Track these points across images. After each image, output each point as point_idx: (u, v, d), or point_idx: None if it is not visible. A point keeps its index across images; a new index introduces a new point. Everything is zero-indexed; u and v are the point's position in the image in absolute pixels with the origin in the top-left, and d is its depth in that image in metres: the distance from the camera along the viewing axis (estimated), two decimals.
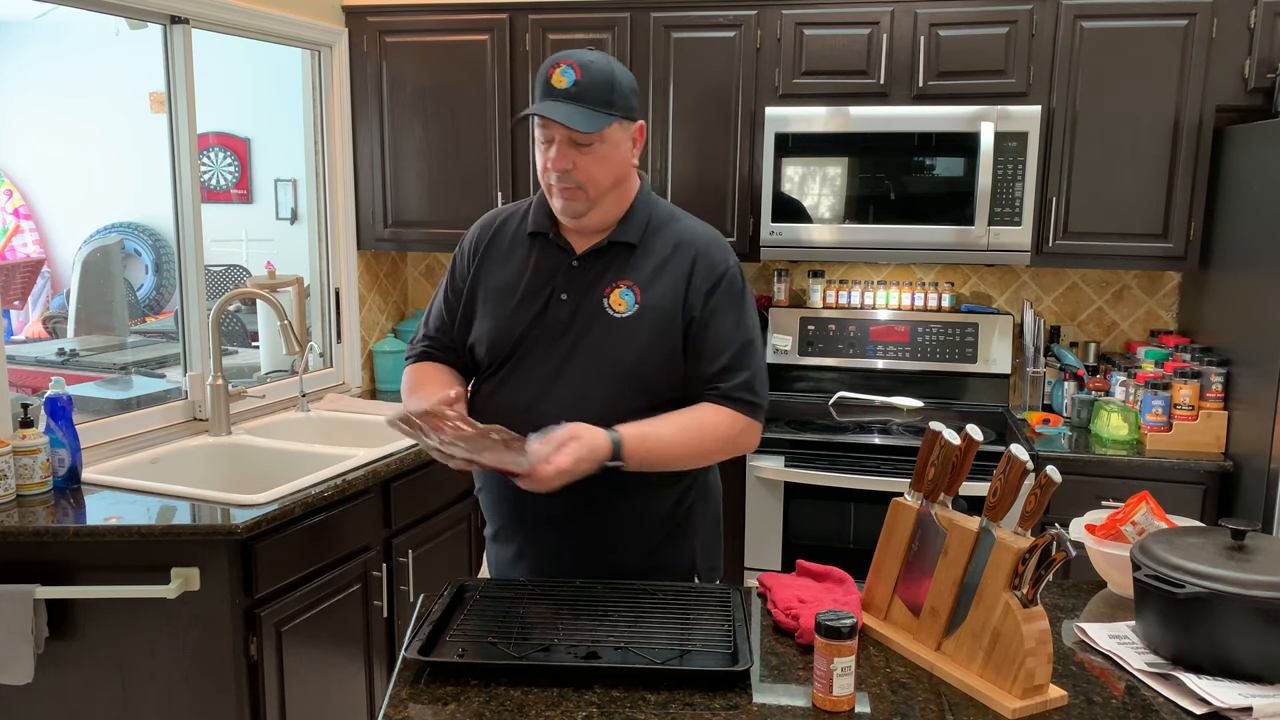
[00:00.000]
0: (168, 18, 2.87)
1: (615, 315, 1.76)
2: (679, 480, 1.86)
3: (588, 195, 1.74)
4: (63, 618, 2.22)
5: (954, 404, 3.51)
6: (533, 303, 1.79)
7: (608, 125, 1.70)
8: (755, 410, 1.79)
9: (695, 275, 1.77)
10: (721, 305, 1.78)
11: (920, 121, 3.13)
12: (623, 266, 1.79)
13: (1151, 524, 1.80)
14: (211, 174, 6.14)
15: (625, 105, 1.73)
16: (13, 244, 6.45)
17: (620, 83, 1.72)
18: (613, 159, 1.74)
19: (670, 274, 1.77)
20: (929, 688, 1.47)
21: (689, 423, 1.74)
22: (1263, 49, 2.99)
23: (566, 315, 1.78)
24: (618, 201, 1.80)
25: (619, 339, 1.75)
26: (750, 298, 1.85)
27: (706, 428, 1.75)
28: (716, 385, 1.77)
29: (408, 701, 1.41)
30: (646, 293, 1.76)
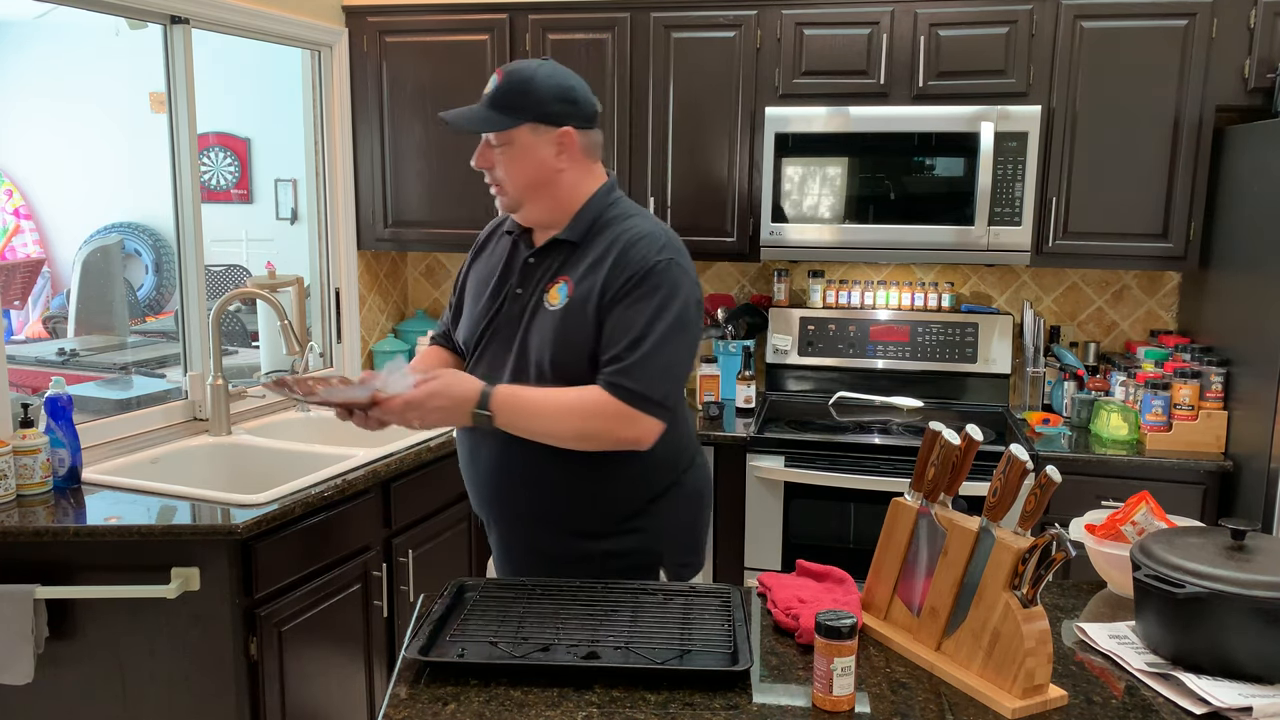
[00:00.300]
0: (168, 18, 2.87)
1: (549, 308, 1.84)
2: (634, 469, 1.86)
3: (506, 193, 1.86)
4: (63, 618, 2.22)
5: (954, 404, 3.51)
6: (495, 297, 1.92)
7: (509, 128, 1.80)
8: (635, 399, 1.74)
9: (613, 269, 1.79)
10: (631, 297, 1.77)
11: (920, 121, 3.13)
12: (564, 263, 1.86)
13: (1151, 524, 1.80)
14: (211, 174, 6.14)
15: (539, 111, 1.80)
16: (13, 244, 6.45)
17: (537, 89, 1.79)
18: (525, 161, 1.82)
19: (598, 269, 1.81)
20: (929, 688, 1.47)
21: (566, 397, 1.77)
22: (1263, 49, 2.99)
23: (518, 309, 1.88)
24: (553, 201, 1.86)
25: (547, 331, 1.82)
26: (676, 298, 1.78)
27: (580, 405, 1.76)
28: (603, 370, 1.77)
29: (408, 701, 1.41)
30: (577, 287, 1.82)
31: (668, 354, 1.77)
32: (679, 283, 1.79)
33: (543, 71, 1.82)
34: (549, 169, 1.83)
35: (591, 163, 1.88)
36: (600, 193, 1.88)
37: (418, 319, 4.00)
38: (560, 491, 1.87)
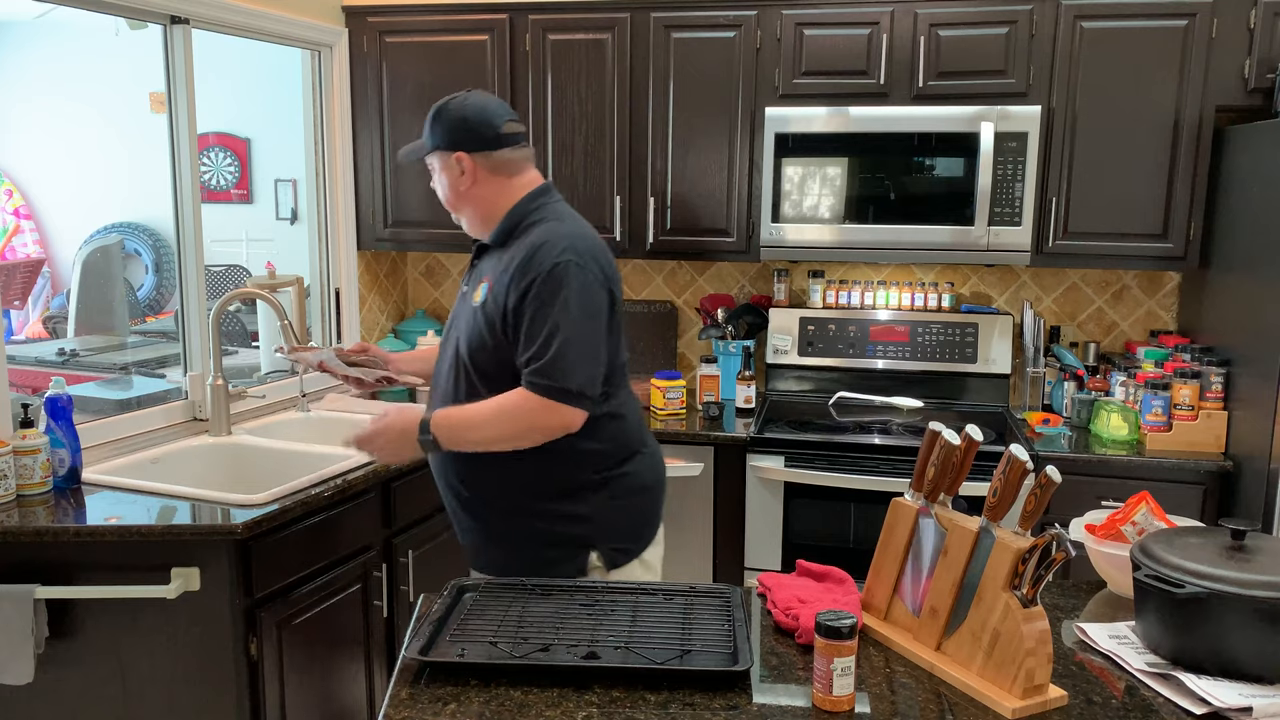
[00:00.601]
0: (168, 18, 2.87)
1: (473, 305, 2.04)
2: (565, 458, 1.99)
3: (447, 206, 2.12)
4: (63, 618, 2.22)
5: (954, 404, 3.51)
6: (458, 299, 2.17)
7: (421, 156, 2.11)
8: (553, 393, 1.90)
9: (517, 272, 1.95)
10: (535, 301, 1.92)
11: (920, 121, 3.13)
12: (490, 264, 2.06)
13: (1151, 524, 1.80)
14: (211, 174, 6.14)
15: (440, 139, 2.06)
16: (13, 244, 6.45)
17: (441, 119, 2.06)
18: (442, 183, 2.09)
19: (508, 270, 1.98)
20: (929, 688, 1.47)
21: (493, 404, 1.95)
22: (1263, 49, 2.99)
23: (460, 304, 2.12)
24: (477, 214, 2.09)
25: (469, 325, 2.04)
26: (576, 294, 1.92)
27: (507, 409, 1.93)
28: (523, 374, 1.94)
29: (408, 701, 1.41)
30: (495, 288, 1.99)
31: (577, 346, 1.91)
32: (576, 279, 1.92)
33: (454, 102, 2.08)
34: (457, 189, 2.07)
35: (506, 178, 2.06)
36: (523, 201, 2.06)
37: (418, 319, 4.00)
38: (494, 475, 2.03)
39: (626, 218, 3.45)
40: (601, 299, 1.96)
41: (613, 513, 2.05)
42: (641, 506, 2.11)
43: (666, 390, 3.35)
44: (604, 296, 1.97)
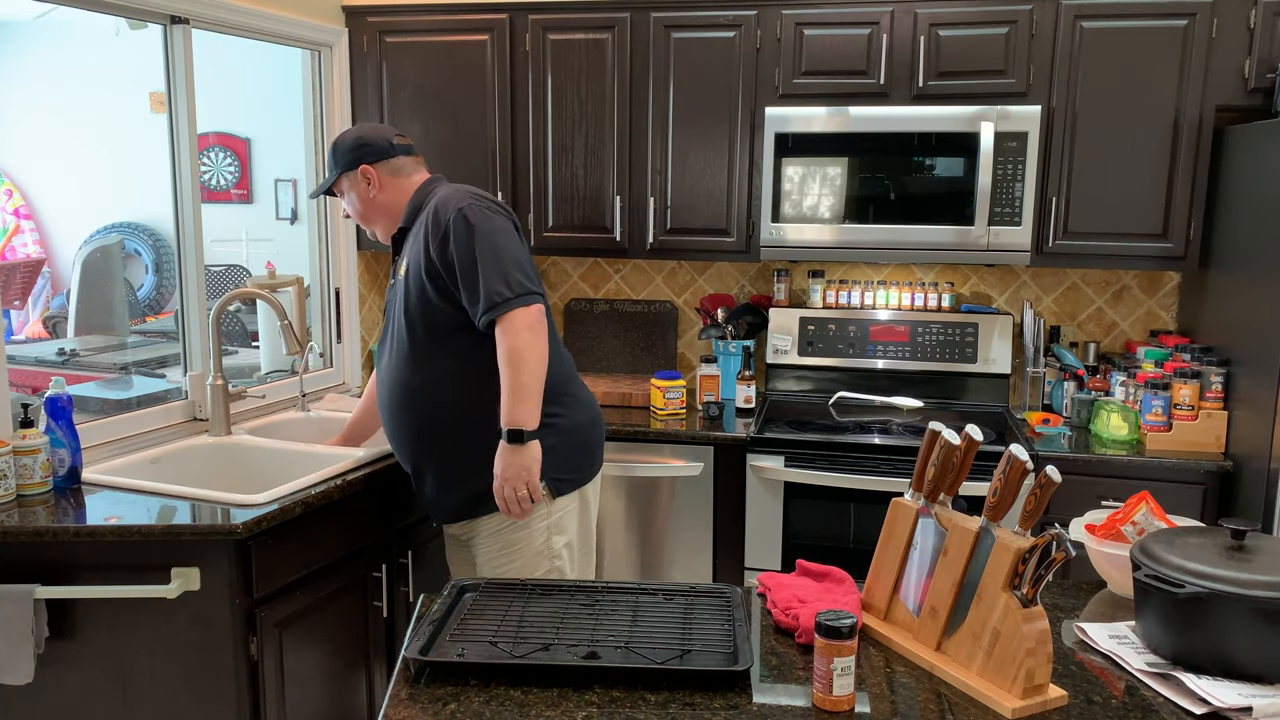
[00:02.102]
0: (168, 18, 2.87)
1: (398, 279, 2.37)
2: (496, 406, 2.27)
3: (362, 222, 2.49)
4: (63, 618, 2.22)
5: (954, 404, 3.51)
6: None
7: (331, 183, 2.46)
8: (505, 305, 2.19)
9: (428, 232, 2.27)
10: (453, 248, 2.22)
11: (920, 121, 3.13)
12: (406, 247, 2.38)
13: (1151, 524, 1.80)
14: (211, 174, 6.14)
15: (344, 161, 2.42)
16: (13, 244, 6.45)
17: (339, 147, 2.42)
18: (355, 199, 2.45)
19: (417, 240, 2.31)
20: (929, 688, 1.47)
21: (504, 364, 2.21)
22: (1263, 49, 2.99)
23: (391, 296, 2.42)
24: (389, 215, 2.44)
25: (399, 300, 2.35)
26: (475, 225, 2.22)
27: (509, 354, 2.20)
28: (480, 317, 2.22)
29: (408, 701, 1.41)
30: (410, 258, 2.32)
31: (494, 262, 2.20)
32: (477, 215, 2.23)
33: (347, 133, 2.44)
34: (366, 199, 2.43)
35: (405, 178, 2.43)
36: (419, 189, 2.40)
37: None
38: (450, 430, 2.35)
39: (626, 218, 3.45)
40: (502, 221, 2.27)
41: (551, 449, 2.30)
42: (577, 442, 2.42)
43: (666, 390, 3.35)
44: (505, 219, 2.29)
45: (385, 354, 2.42)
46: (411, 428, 2.39)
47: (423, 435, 2.39)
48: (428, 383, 2.33)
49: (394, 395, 2.39)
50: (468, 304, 2.24)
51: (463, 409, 2.33)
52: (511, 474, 2.23)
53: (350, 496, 2.56)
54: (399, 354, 2.36)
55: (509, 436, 2.21)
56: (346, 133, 2.45)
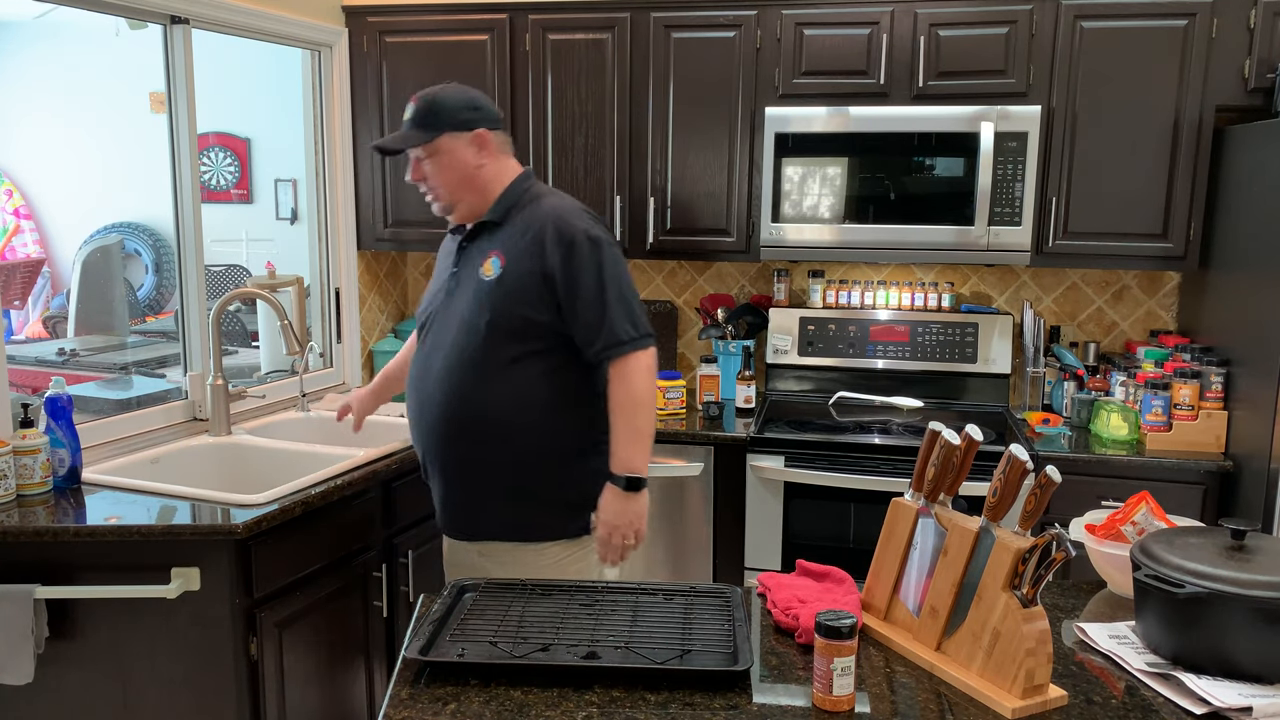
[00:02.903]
0: (168, 18, 2.87)
1: (483, 279, 2.12)
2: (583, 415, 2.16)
3: (443, 196, 2.17)
4: (63, 618, 2.22)
5: (954, 404, 3.51)
6: (439, 283, 2.24)
7: (433, 139, 2.12)
8: (629, 345, 2.08)
9: (548, 241, 2.08)
10: (579, 271, 2.07)
11: (920, 121, 3.13)
12: (493, 241, 2.15)
13: (1151, 524, 1.80)
14: (211, 174, 6.14)
15: (453, 120, 2.12)
16: (13, 244, 6.45)
17: (446, 104, 2.13)
18: (453, 165, 2.14)
19: (529, 242, 2.10)
20: (929, 688, 1.47)
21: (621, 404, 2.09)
22: (1263, 49, 2.99)
23: (455, 285, 2.19)
24: (481, 195, 2.17)
25: (483, 298, 2.11)
26: (604, 254, 2.09)
27: (627, 401, 2.08)
28: (598, 352, 2.09)
29: (408, 701, 1.41)
30: (510, 260, 2.10)
31: (621, 298, 2.09)
32: (602, 241, 2.10)
33: (448, 90, 2.18)
34: (471, 167, 2.15)
35: (507, 157, 2.22)
36: (517, 180, 2.19)
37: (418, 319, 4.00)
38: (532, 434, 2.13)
39: (626, 218, 3.45)
40: (620, 253, 2.16)
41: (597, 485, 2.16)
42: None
43: (666, 390, 3.35)
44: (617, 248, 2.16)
45: (439, 349, 2.16)
46: (469, 437, 2.14)
47: (480, 448, 2.14)
48: (497, 395, 2.11)
49: (451, 399, 2.13)
50: (580, 330, 2.08)
51: (534, 431, 2.12)
52: (624, 521, 2.09)
53: (350, 496, 2.56)
54: (463, 357, 2.12)
55: (627, 484, 2.07)
56: (448, 89, 2.18)
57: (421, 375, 2.20)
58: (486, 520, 2.17)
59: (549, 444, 2.13)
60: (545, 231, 2.08)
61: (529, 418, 2.11)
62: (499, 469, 2.14)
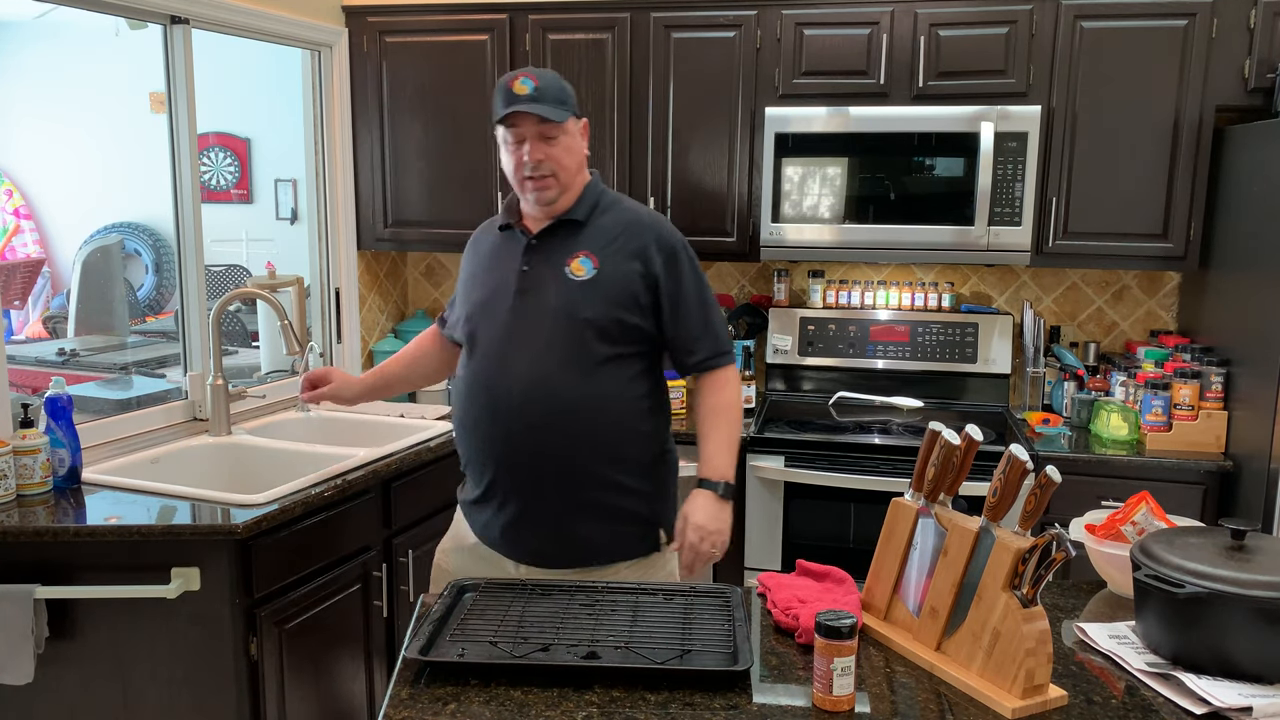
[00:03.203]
0: (168, 18, 2.87)
1: (575, 279, 2.01)
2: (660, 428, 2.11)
3: (559, 181, 2.02)
4: (63, 618, 2.22)
5: (954, 404, 3.51)
6: (505, 279, 2.07)
7: (568, 118, 2.01)
8: (727, 357, 2.11)
9: (649, 246, 2.04)
10: (683, 278, 2.06)
11: (920, 121, 3.13)
12: (578, 240, 2.05)
13: (1151, 524, 1.80)
14: (211, 174, 6.14)
15: (574, 104, 2.05)
16: (13, 244, 6.45)
17: (566, 87, 2.05)
18: (574, 148, 2.04)
19: (627, 247, 2.04)
20: (929, 688, 1.47)
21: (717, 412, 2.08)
22: (1263, 49, 2.99)
23: (529, 283, 2.04)
24: (576, 188, 2.08)
25: (578, 297, 2.01)
26: (697, 266, 2.11)
27: (725, 404, 2.09)
28: (702, 361, 2.09)
29: (408, 701, 1.41)
30: (604, 261, 2.02)
31: (717, 313, 2.12)
32: (691, 251, 2.11)
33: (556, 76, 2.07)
34: (581, 156, 2.07)
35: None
36: (595, 179, 2.12)
37: (418, 319, 4.01)
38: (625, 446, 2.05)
39: None
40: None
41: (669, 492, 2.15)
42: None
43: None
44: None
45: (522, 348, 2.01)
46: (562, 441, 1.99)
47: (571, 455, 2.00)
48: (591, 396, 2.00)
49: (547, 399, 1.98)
50: (680, 338, 2.06)
51: (620, 436, 2.03)
52: (716, 528, 2.01)
53: (351, 496, 2.56)
54: (558, 355, 1.99)
55: (724, 490, 2.02)
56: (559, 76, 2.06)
57: (497, 374, 2.01)
58: (566, 540, 2.02)
59: (631, 452, 2.04)
60: (646, 237, 2.04)
61: (617, 420, 2.02)
62: (586, 480, 2.01)
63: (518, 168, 2.01)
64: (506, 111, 1.97)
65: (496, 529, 2.06)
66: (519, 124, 1.98)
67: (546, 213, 2.06)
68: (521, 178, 2.02)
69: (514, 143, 2.01)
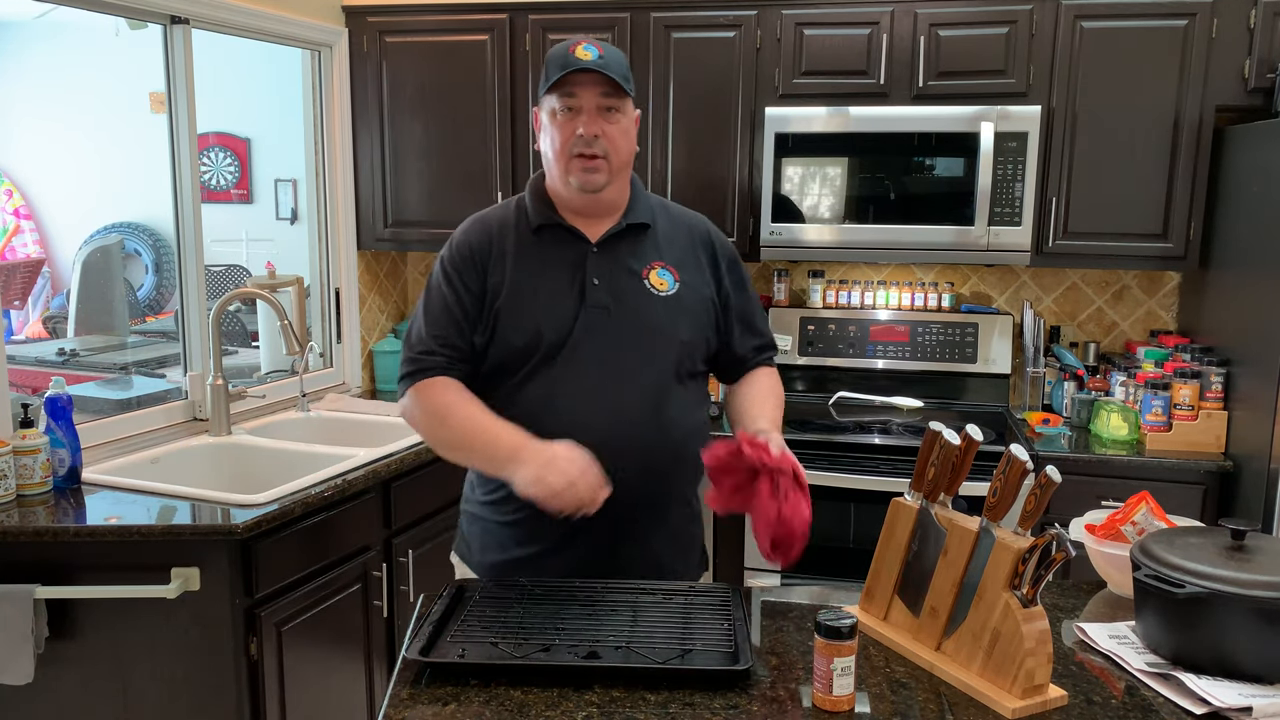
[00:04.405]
0: (168, 18, 2.87)
1: (659, 294, 1.80)
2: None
3: (609, 166, 1.76)
4: (63, 618, 2.22)
5: (954, 404, 3.51)
6: (566, 294, 1.78)
7: (629, 96, 1.78)
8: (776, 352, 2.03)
9: (716, 255, 1.92)
10: (742, 282, 1.95)
11: (920, 121, 3.13)
12: (647, 247, 1.84)
13: (1151, 524, 1.80)
14: (211, 174, 6.14)
15: (632, 86, 1.80)
16: (13, 244, 6.45)
17: (627, 64, 1.81)
18: (630, 133, 1.81)
19: (695, 254, 1.88)
20: (929, 688, 1.47)
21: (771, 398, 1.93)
22: (1263, 49, 2.99)
23: (607, 299, 1.78)
24: (626, 180, 1.85)
25: (667, 316, 1.81)
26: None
27: (775, 390, 1.96)
28: (760, 356, 1.97)
29: (408, 702, 1.41)
30: (682, 271, 1.85)
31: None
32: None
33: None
34: (634, 148, 1.85)
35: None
36: (636, 179, 1.90)
37: None
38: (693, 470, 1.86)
39: None
40: None
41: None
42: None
43: None
44: None
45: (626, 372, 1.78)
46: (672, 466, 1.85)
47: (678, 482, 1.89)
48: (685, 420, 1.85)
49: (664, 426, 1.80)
50: (739, 337, 1.93)
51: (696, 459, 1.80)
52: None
53: (350, 496, 2.56)
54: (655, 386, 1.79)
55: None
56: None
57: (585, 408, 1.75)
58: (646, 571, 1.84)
59: (698, 475, 1.83)
60: (712, 240, 1.93)
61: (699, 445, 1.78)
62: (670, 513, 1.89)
63: (566, 143, 1.74)
64: (566, 72, 1.70)
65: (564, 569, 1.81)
66: (578, 92, 1.72)
67: (596, 206, 1.81)
68: (569, 155, 1.74)
69: (567, 111, 1.74)
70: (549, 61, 1.76)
